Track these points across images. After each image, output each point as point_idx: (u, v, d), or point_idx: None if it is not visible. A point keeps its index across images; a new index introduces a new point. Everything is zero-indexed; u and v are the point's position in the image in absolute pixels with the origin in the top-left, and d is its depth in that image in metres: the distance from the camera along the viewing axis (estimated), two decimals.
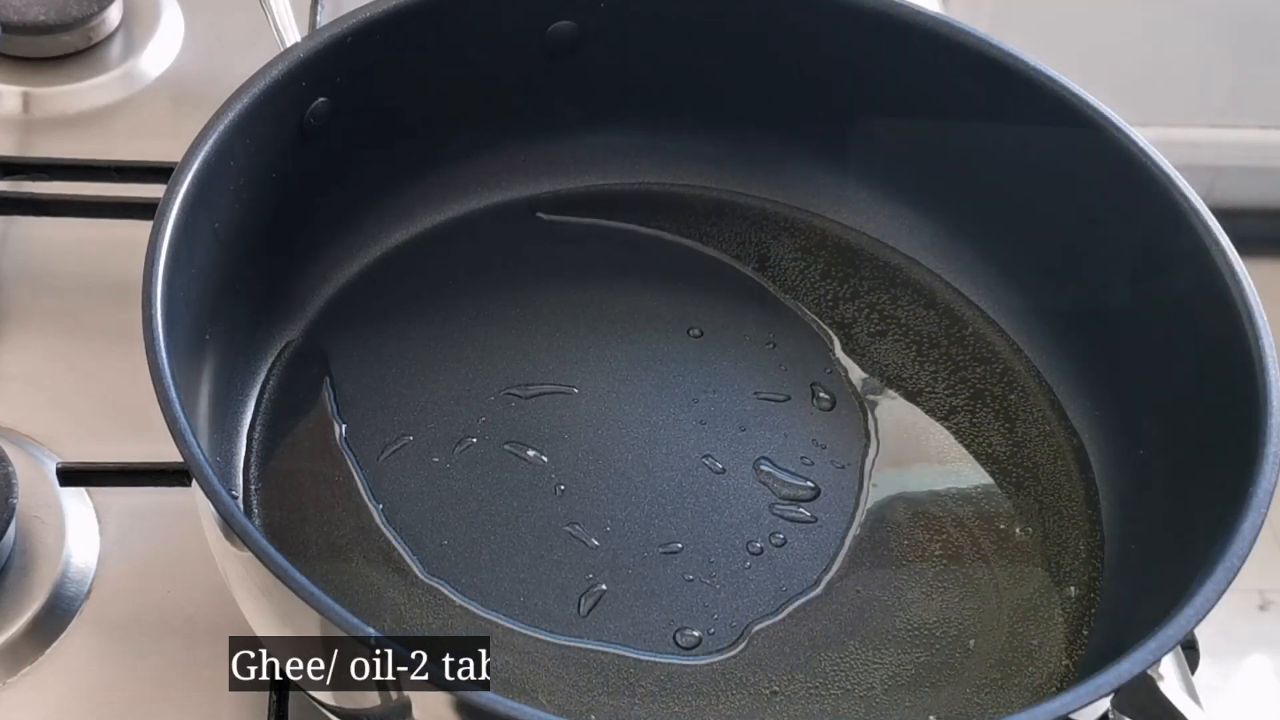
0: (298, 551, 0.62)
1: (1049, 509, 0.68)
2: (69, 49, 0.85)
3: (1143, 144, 0.66)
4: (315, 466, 0.66)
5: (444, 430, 0.68)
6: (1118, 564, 0.66)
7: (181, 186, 0.59)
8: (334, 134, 0.68)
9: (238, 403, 0.67)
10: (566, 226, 0.77)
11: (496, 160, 0.77)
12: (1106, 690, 0.50)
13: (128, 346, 0.56)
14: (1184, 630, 0.51)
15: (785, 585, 0.64)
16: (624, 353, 0.72)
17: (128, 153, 0.75)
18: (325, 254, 0.72)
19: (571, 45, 0.74)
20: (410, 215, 0.75)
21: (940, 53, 0.71)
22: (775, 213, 0.79)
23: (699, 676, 0.60)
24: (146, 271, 0.56)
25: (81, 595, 0.63)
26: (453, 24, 0.71)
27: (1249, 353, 0.60)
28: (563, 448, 0.67)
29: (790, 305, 0.75)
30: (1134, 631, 0.53)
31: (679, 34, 0.75)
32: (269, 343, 0.69)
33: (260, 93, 0.63)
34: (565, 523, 0.65)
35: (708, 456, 0.68)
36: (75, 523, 0.65)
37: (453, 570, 0.63)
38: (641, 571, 0.63)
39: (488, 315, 0.73)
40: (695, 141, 0.79)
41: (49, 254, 0.76)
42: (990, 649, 0.63)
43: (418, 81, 0.72)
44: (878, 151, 0.77)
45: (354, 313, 0.72)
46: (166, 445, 0.51)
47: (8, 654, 0.61)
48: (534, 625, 0.61)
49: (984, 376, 0.72)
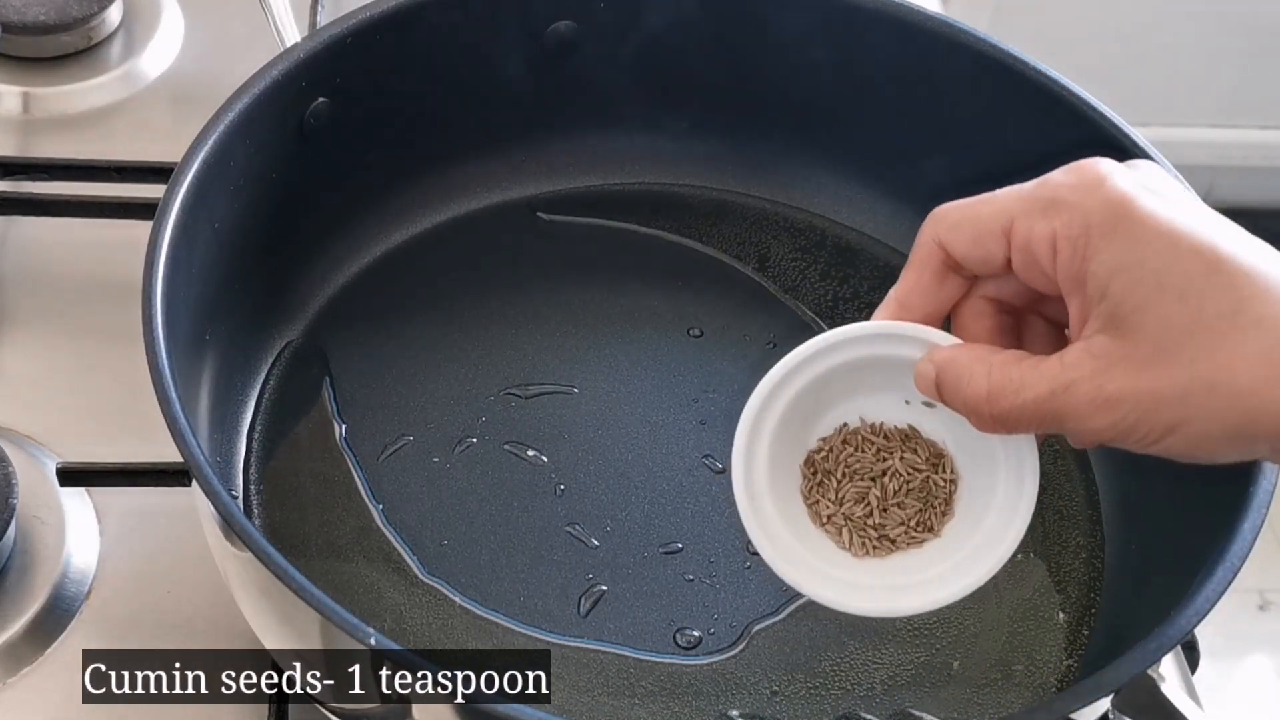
0: (298, 551, 0.62)
1: (1049, 509, 0.68)
2: (69, 49, 0.85)
3: (1143, 144, 0.66)
4: (315, 466, 0.66)
5: (444, 430, 0.68)
6: (1118, 564, 0.66)
7: (181, 186, 0.59)
8: (334, 134, 0.68)
9: (238, 403, 0.67)
10: (566, 226, 0.77)
11: (496, 160, 0.77)
12: (1106, 690, 0.50)
13: (128, 346, 0.56)
14: (1184, 630, 0.51)
15: (785, 585, 0.63)
16: (624, 353, 0.72)
17: (128, 153, 0.75)
18: (325, 254, 0.72)
19: (571, 45, 0.74)
20: (410, 215, 0.75)
21: (940, 53, 0.71)
22: (775, 213, 0.79)
23: (699, 676, 0.60)
24: (146, 271, 0.56)
25: (81, 595, 0.63)
26: (453, 24, 0.71)
27: None
28: (563, 448, 0.67)
29: (790, 305, 0.75)
30: (1134, 631, 0.53)
31: (679, 34, 0.75)
32: (269, 343, 0.69)
33: (260, 93, 0.63)
34: (565, 523, 0.65)
35: (708, 456, 0.68)
36: (75, 523, 0.65)
37: (453, 570, 0.63)
38: (641, 571, 0.63)
39: (488, 315, 0.73)
40: (695, 141, 0.79)
41: (49, 254, 0.76)
42: (990, 649, 0.63)
43: (417, 81, 0.72)
44: (878, 152, 0.77)
45: (354, 313, 0.72)
46: (166, 445, 0.51)
47: (8, 654, 0.61)
48: (534, 625, 0.61)
49: None
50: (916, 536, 0.52)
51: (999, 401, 0.46)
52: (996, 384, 0.46)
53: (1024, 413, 0.46)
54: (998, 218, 0.48)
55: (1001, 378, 0.46)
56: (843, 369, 0.51)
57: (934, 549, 0.52)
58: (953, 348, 0.49)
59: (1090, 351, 0.44)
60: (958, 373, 0.48)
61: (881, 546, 0.52)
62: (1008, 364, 0.46)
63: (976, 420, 0.48)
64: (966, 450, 0.52)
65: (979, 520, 0.52)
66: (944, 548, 0.52)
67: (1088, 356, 0.44)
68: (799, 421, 0.52)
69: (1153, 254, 0.44)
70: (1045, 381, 0.45)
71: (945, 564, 0.52)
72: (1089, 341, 0.45)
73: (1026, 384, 0.46)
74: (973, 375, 0.47)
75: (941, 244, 0.49)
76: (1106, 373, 0.44)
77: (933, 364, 0.49)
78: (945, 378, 0.48)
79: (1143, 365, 0.43)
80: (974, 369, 0.47)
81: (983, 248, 0.48)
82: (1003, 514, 0.51)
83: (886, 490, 0.52)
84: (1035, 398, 0.45)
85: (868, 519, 0.52)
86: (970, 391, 0.47)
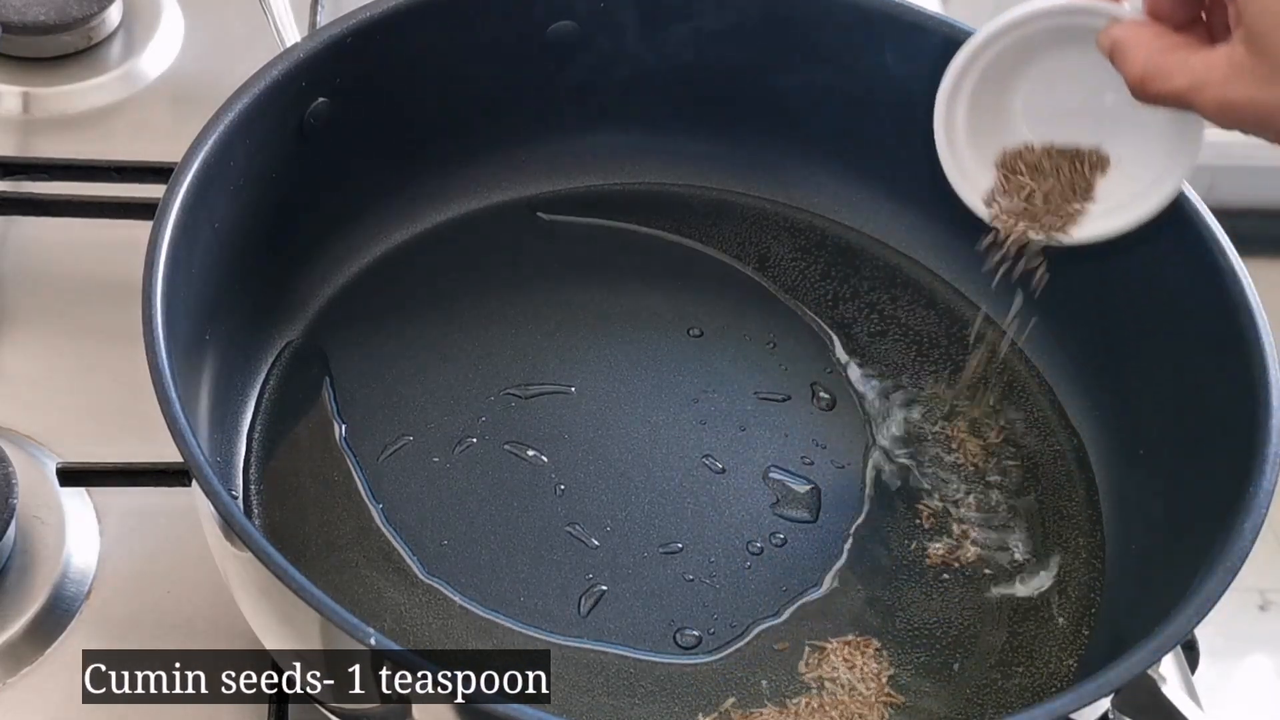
0: (298, 551, 0.62)
1: (1049, 509, 0.68)
2: (69, 49, 0.85)
3: None
4: (315, 466, 0.66)
5: (444, 430, 0.68)
6: (1118, 564, 0.66)
7: (181, 186, 0.59)
8: (334, 134, 0.68)
9: (238, 403, 0.67)
10: (566, 226, 0.77)
11: (496, 160, 0.77)
12: (1107, 690, 0.50)
13: (128, 346, 0.56)
14: (1184, 630, 0.51)
15: (786, 585, 0.64)
16: (624, 353, 0.72)
17: (128, 153, 0.75)
18: (325, 254, 0.72)
19: (571, 45, 0.74)
20: (410, 215, 0.75)
21: (940, 52, 0.71)
22: (775, 213, 0.79)
23: (699, 676, 0.60)
24: (146, 271, 0.56)
25: (81, 595, 0.63)
26: (452, 24, 0.71)
27: (1249, 353, 0.60)
28: (563, 448, 0.67)
29: (790, 305, 0.75)
30: (1134, 631, 0.53)
31: (679, 34, 0.75)
32: (269, 343, 0.69)
33: (260, 93, 0.63)
34: (565, 523, 0.65)
35: (708, 456, 0.68)
36: (75, 523, 0.65)
37: (453, 570, 0.63)
38: (641, 571, 0.63)
39: (488, 315, 0.73)
40: (695, 141, 0.79)
41: (49, 254, 0.76)
42: (990, 649, 0.63)
43: (417, 82, 0.72)
44: (878, 152, 0.77)
45: (354, 313, 0.72)
46: (166, 445, 0.51)
47: (8, 654, 0.61)
48: (534, 625, 0.61)
49: (984, 377, 0.72)
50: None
51: (1148, 85, 0.54)
52: (1150, 70, 0.54)
53: (1166, 99, 0.54)
54: None
55: (1153, 65, 0.54)
56: (1042, 34, 0.60)
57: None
58: (1126, 25, 0.56)
59: (1230, 58, 0.51)
60: (1124, 51, 0.55)
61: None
62: (1164, 51, 0.54)
63: (1133, 93, 0.55)
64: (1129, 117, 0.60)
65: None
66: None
67: (1225, 62, 0.52)
68: (999, 78, 0.62)
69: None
70: (1185, 77, 0.53)
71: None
72: (1231, 48, 0.51)
73: (1171, 76, 0.53)
74: (1134, 57, 0.55)
75: None
76: (1233, 81, 0.51)
77: (1108, 38, 0.56)
78: (1115, 53, 0.56)
79: (1264, 81, 0.50)
80: (1135, 52, 0.55)
81: None
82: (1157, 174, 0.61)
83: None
84: (1175, 90, 0.53)
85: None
86: (1128, 70, 0.55)
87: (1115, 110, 0.60)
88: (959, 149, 0.64)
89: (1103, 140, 0.63)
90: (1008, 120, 0.64)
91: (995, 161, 0.64)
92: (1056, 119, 0.63)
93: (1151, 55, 0.54)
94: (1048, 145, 0.63)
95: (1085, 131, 0.63)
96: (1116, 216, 0.62)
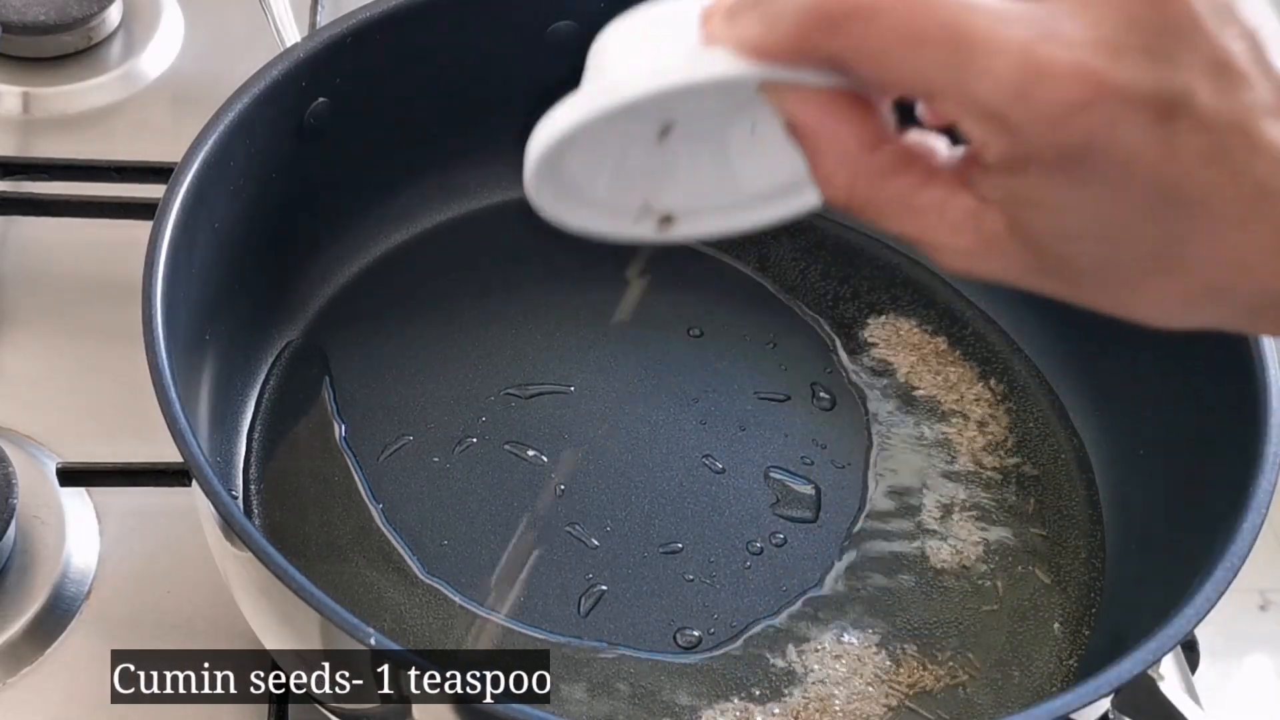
0: (298, 551, 0.62)
1: (1049, 509, 0.68)
2: (69, 49, 0.85)
3: None
4: (315, 466, 0.66)
5: (444, 430, 0.68)
6: (1118, 564, 0.66)
7: (181, 186, 0.59)
8: (334, 134, 0.68)
9: (238, 403, 0.67)
10: None
11: (496, 160, 0.77)
12: (1107, 690, 0.50)
13: (128, 346, 0.56)
14: (1184, 630, 0.51)
15: (786, 585, 0.64)
16: (624, 353, 0.72)
17: (128, 153, 0.75)
18: (325, 254, 0.72)
19: (572, 45, 0.74)
20: (410, 215, 0.75)
21: None
22: None
23: (699, 676, 0.60)
24: (146, 271, 0.56)
25: (81, 595, 0.63)
26: (452, 24, 0.71)
27: (1249, 353, 0.60)
28: (562, 448, 0.67)
29: (790, 305, 0.75)
30: (1134, 631, 0.53)
31: None
32: (269, 343, 0.69)
33: (260, 93, 0.63)
34: (565, 523, 0.65)
35: (708, 456, 0.68)
36: (75, 523, 0.65)
37: (453, 570, 0.63)
38: (641, 571, 0.63)
39: (487, 315, 0.73)
40: None
41: (49, 254, 0.76)
42: (990, 649, 0.63)
43: (417, 81, 0.72)
44: None
45: (354, 313, 0.72)
46: (166, 445, 0.51)
47: (8, 654, 0.61)
48: (534, 625, 0.61)
49: (984, 376, 0.72)
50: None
51: (861, 214, 0.41)
52: (858, 200, 0.41)
53: (889, 233, 0.43)
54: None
55: (861, 195, 0.41)
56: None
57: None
58: (812, 107, 0.40)
59: (980, 228, 0.38)
60: (815, 152, 0.41)
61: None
62: (876, 176, 0.40)
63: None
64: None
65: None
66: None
67: (973, 230, 0.38)
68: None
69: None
70: (914, 227, 0.40)
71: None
72: (985, 216, 0.38)
73: (893, 218, 0.40)
74: (830, 168, 0.41)
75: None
76: (985, 259, 0.39)
77: (787, 115, 0.41)
78: (801, 145, 0.41)
79: (1031, 273, 0.40)
80: (830, 161, 0.41)
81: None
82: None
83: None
84: (900, 233, 0.40)
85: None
86: (822, 183, 0.42)
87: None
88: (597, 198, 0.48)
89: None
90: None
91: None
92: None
93: (857, 178, 0.40)
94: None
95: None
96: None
